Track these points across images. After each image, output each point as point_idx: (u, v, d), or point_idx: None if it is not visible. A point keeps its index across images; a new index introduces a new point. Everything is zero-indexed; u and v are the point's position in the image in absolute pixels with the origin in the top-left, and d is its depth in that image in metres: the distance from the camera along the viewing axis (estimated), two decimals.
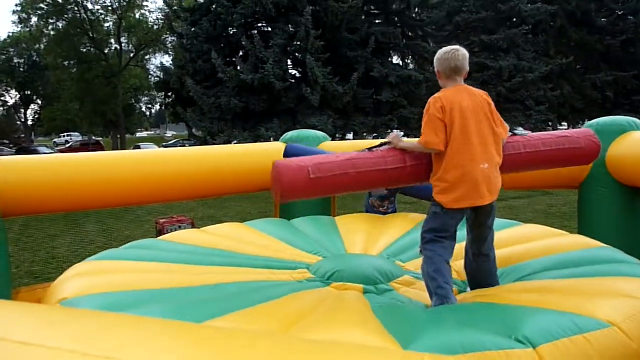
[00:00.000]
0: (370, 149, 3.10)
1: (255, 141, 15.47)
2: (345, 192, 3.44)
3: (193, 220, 8.24)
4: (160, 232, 7.82)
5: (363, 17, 19.85)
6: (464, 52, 3.06)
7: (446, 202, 2.91)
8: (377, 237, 4.41)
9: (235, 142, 16.73)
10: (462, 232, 3.19)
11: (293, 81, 17.78)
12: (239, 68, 16.84)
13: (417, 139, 3.06)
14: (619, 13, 25.35)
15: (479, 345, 2.20)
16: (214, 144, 15.92)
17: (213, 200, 12.85)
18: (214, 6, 17.69)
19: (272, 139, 16.00)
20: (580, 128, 4.66)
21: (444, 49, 3.11)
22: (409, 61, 23.51)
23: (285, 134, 6.64)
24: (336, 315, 2.60)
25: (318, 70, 16.38)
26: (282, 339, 1.59)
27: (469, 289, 3.32)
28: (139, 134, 63.65)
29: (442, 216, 2.97)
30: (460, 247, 3.25)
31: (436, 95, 3.01)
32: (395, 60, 22.48)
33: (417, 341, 2.25)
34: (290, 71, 18.07)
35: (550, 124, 23.64)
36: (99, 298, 2.77)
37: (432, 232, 3.00)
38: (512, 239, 4.01)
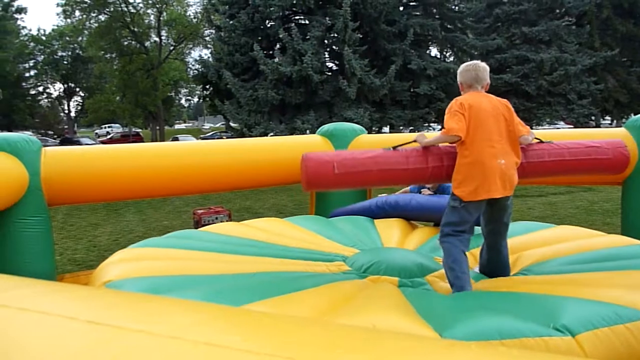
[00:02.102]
0: (395, 148, 3.27)
1: (291, 133, 15.54)
2: (368, 187, 3.59)
3: (230, 212, 8.35)
4: (197, 223, 7.95)
5: (401, 9, 19.67)
6: (484, 65, 3.35)
7: (463, 195, 3.10)
8: (414, 234, 4.42)
9: (272, 134, 16.84)
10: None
11: (329, 74, 17.75)
12: (276, 60, 16.89)
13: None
14: None
15: (516, 332, 2.18)
16: (251, 136, 16.06)
17: (250, 192, 12.96)
18: None
19: (308, 131, 16.04)
20: (624, 123, 4.62)
21: (465, 63, 3.40)
22: (448, 53, 23.20)
23: (322, 127, 6.64)
24: (371, 302, 2.63)
25: (355, 62, 16.30)
26: (334, 325, 1.62)
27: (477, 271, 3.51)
28: (177, 126, 64.66)
29: (460, 210, 3.14)
30: None
31: (458, 97, 3.25)
32: (434, 52, 22.23)
33: (452, 328, 2.24)
34: (326, 63, 18.03)
35: (592, 118, 23.04)
36: (142, 281, 2.91)
37: (451, 226, 3.17)
38: (546, 240, 3.96)
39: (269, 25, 18.06)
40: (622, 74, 24.06)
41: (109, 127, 54.00)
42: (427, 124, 20.30)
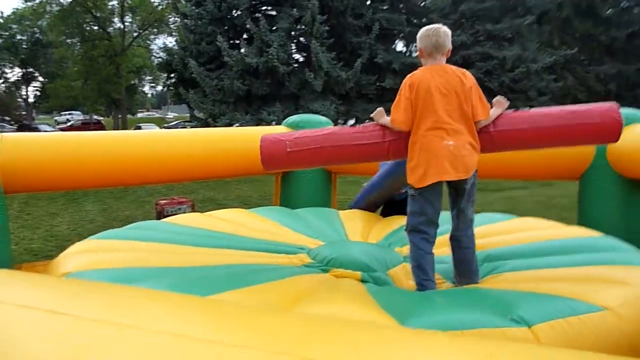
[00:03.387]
0: (353, 125, 3.21)
1: (257, 124, 15.46)
2: (326, 164, 3.60)
3: (193, 202, 8.28)
4: (160, 213, 7.85)
5: (368, 3, 19.73)
6: (445, 30, 3.09)
7: (414, 182, 2.98)
8: (378, 226, 4.46)
9: (237, 124, 16.72)
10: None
11: (296, 65, 17.71)
12: (242, 51, 16.76)
13: None
14: (625, 5, 25.16)
15: (476, 323, 2.25)
16: (215, 126, 15.91)
17: (214, 183, 12.86)
18: None
19: (274, 122, 15.99)
20: None
21: (426, 27, 3.15)
22: (413, 48, 23.39)
23: (288, 118, 6.64)
24: (332, 294, 2.66)
25: (322, 55, 16.32)
26: (300, 315, 1.63)
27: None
28: (139, 115, 63.49)
29: (417, 198, 3.03)
30: None
31: (410, 74, 3.07)
32: (400, 47, 22.37)
33: (412, 318, 2.29)
34: (293, 55, 18.00)
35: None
36: (101, 273, 2.86)
37: (414, 217, 3.06)
38: (507, 229, 4.05)
39: (236, 15, 17.89)
40: (581, 72, 24.65)
41: (69, 114, 52.62)
42: None
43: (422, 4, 21.61)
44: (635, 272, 2.84)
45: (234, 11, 17.85)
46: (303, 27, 17.10)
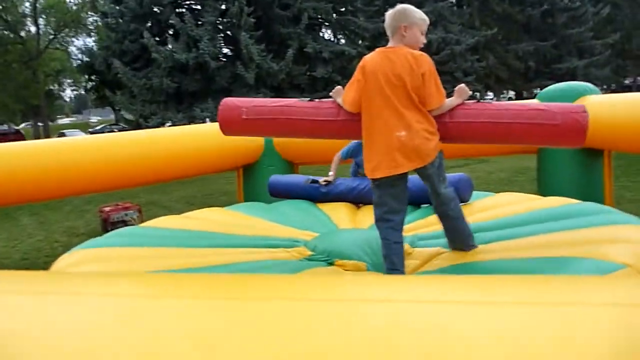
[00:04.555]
0: (311, 100, 3.24)
1: (190, 122, 15.11)
2: (280, 135, 3.86)
3: (140, 207, 8.00)
4: (105, 221, 7.54)
5: None
6: (396, 10, 2.98)
7: (368, 173, 2.95)
8: (362, 213, 4.38)
9: (169, 124, 16.31)
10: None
11: (225, 60, 17.43)
12: (169, 47, 16.30)
13: None
14: None
15: None
16: (147, 127, 15.43)
17: (153, 186, 12.47)
18: None
19: (207, 119, 15.70)
20: (503, 97, 4.07)
21: None
22: (341, 36, 23.55)
23: None
24: None
25: (253, 47, 16.12)
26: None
27: None
28: (60, 121, 60.70)
29: (375, 188, 2.97)
30: None
31: (366, 55, 3.07)
32: (327, 35, 22.46)
33: None
34: (222, 49, 17.70)
35: (477, 94, 24.40)
36: None
37: (378, 208, 2.99)
38: (491, 205, 4.09)
39: (159, 11, 17.38)
40: (501, 51, 25.62)
41: None
42: None
43: None
44: (631, 230, 2.91)
45: (157, 7, 17.33)
46: (230, 19, 16.82)
